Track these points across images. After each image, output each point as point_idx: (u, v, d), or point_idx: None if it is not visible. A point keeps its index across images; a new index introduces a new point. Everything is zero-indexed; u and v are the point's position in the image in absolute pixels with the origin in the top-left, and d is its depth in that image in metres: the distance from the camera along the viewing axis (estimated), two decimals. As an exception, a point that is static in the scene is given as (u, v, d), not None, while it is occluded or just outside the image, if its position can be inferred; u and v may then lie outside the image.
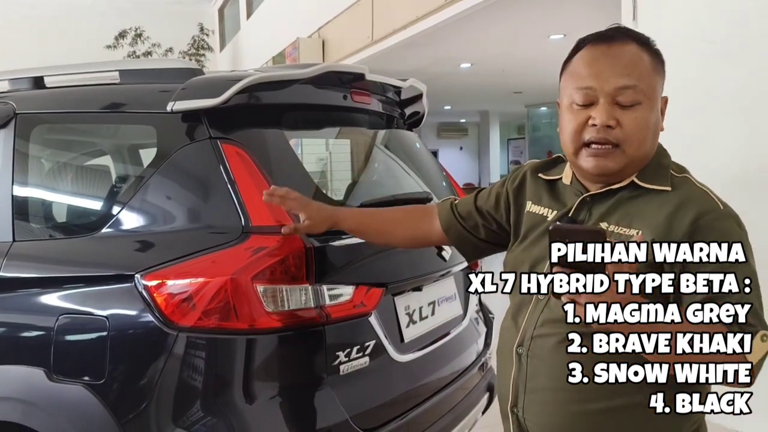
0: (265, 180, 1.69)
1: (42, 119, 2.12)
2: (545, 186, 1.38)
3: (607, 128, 1.16)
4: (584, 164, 1.21)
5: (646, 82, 1.16)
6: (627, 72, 1.15)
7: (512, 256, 1.39)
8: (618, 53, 1.17)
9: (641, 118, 1.16)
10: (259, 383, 1.63)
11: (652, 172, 1.21)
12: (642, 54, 1.18)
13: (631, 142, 1.16)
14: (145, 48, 13.33)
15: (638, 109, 1.16)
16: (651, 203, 1.18)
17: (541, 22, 6.66)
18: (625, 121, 1.16)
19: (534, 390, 1.25)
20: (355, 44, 7.85)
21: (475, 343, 2.44)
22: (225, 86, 1.71)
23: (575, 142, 1.20)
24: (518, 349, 1.28)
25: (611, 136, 1.16)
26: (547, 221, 1.32)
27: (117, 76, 2.01)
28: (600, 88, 1.16)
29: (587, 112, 1.18)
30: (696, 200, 1.16)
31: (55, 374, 1.72)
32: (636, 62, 1.16)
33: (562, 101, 1.25)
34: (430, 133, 19.51)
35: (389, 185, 2.38)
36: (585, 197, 1.26)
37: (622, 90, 1.15)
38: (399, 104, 2.47)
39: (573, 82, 1.20)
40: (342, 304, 1.72)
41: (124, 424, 1.62)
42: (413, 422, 1.93)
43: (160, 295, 1.61)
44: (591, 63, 1.18)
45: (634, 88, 1.15)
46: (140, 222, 1.79)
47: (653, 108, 1.18)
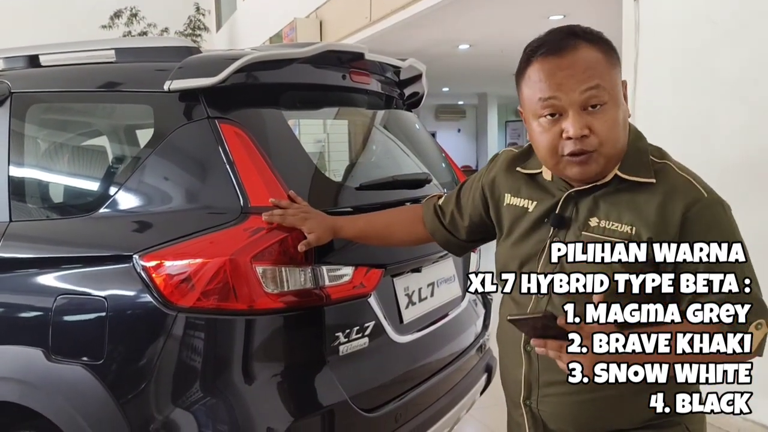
0: (263, 160, 1.67)
1: (37, 98, 2.10)
2: (523, 178, 1.38)
3: (582, 138, 1.16)
4: (567, 173, 1.22)
5: (606, 79, 1.17)
6: (588, 76, 1.15)
7: (501, 252, 1.40)
8: (572, 61, 1.16)
9: (611, 118, 1.17)
10: (259, 364, 1.62)
11: (632, 161, 1.22)
12: (593, 53, 1.17)
13: (607, 144, 1.17)
14: (140, 28, 13.19)
15: (606, 110, 1.16)
16: (637, 195, 1.20)
17: (540, 3, 6.61)
18: (597, 126, 1.16)
19: (549, 384, 1.28)
20: (353, 25, 7.78)
21: (474, 325, 2.44)
22: (223, 65, 1.68)
23: (554, 157, 1.21)
24: (527, 347, 1.29)
25: (588, 145, 1.17)
26: (528, 213, 1.33)
27: (113, 55, 1.99)
28: (566, 99, 1.16)
29: (558, 125, 1.18)
30: (681, 191, 1.17)
31: (54, 354, 1.71)
32: (592, 64, 1.16)
33: (526, 112, 1.25)
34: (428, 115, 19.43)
35: (388, 166, 2.37)
36: (570, 193, 1.26)
37: (586, 93, 1.15)
38: (398, 84, 2.45)
39: (535, 93, 1.20)
40: (341, 285, 1.72)
41: (123, 404, 1.62)
42: (412, 403, 1.94)
43: (159, 275, 1.60)
44: (549, 75, 1.18)
45: (598, 88, 1.15)
46: (138, 202, 1.78)
47: (618, 103, 1.19)
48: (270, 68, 1.84)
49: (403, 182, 2.10)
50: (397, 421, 1.87)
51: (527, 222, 1.32)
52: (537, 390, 1.30)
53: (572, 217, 1.25)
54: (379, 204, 1.93)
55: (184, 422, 1.60)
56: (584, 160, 1.18)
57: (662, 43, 3.36)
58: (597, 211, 1.22)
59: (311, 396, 1.67)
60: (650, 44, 3.36)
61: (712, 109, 3.15)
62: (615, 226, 1.19)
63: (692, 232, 1.13)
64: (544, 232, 1.29)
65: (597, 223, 1.21)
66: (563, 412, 1.28)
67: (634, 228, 1.17)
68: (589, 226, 1.22)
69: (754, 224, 1.73)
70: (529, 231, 1.32)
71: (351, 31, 7.87)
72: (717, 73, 3.12)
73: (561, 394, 1.26)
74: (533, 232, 1.31)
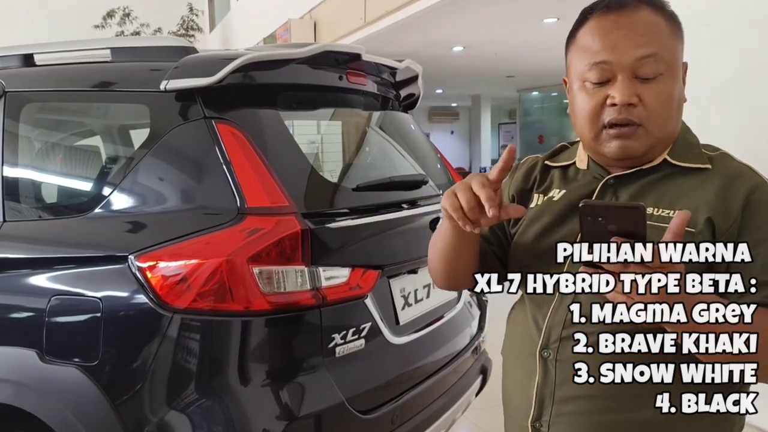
0: (260, 160, 1.67)
1: (32, 98, 2.08)
2: (553, 173, 1.21)
3: (629, 107, 1.02)
4: (606, 149, 1.06)
5: (666, 49, 1.03)
6: (645, 40, 1.01)
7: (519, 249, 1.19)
8: (632, 21, 1.03)
9: (665, 91, 1.03)
10: (255, 365, 1.62)
11: (682, 150, 1.09)
12: (658, 18, 1.04)
13: (655, 119, 1.03)
14: (133, 28, 13.15)
15: (661, 82, 1.02)
16: (690, 182, 1.05)
17: (534, 6, 6.63)
18: (648, 96, 1.02)
19: (566, 399, 1.06)
20: (348, 26, 7.78)
21: (469, 327, 2.44)
22: (220, 65, 1.68)
23: (594, 126, 1.06)
24: (543, 352, 1.08)
25: (634, 116, 1.02)
26: (553, 203, 1.15)
27: (108, 54, 1.97)
28: (617, 62, 1.02)
29: (604, 91, 1.04)
30: (744, 175, 1.05)
31: (48, 356, 1.70)
32: (653, 29, 1.03)
33: (571, 80, 1.11)
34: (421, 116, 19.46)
35: (385, 167, 2.37)
36: (608, 179, 1.10)
37: (642, 61, 1.01)
38: (394, 86, 2.45)
39: (584, 57, 1.06)
40: (338, 287, 1.72)
41: (118, 405, 1.61)
42: (408, 404, 1.94)
43: (155, 276, 1.59)
44: (603, 35, 1.04)
45: (655, 56, 1.01)
46: (133, 202, 1.77)
47: (676, 78, 1.05)
48: (267, 68, 1.84)
49: (399, 183, 2.10)
50: (393, 423, 1.86)
51: (552, 214, 1.13)
52: (551, 408, 1.07)
53: None
54: (375, 205, 1.93)
55: (179, 424, 1.59)
56: (627, 132, 1.03)
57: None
58: (643, 198, 1.05)
59: (307, 397, 1.67)
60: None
61: (707, 113, 3.16)
62: (666, 212, 1.02)
63: (754, 219, 1.00)
64: (575, 223, 1.03)
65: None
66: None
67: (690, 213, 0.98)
68: None
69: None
70: (554, 224, 1.12)
71: (345, 33, 7.87)
72: (711, 76, 3.14)
73: (580, 413, 1.05)
74: (559, 226, 1.12)
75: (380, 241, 1.93)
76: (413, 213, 2.08)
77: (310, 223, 1.65)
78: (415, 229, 2.09)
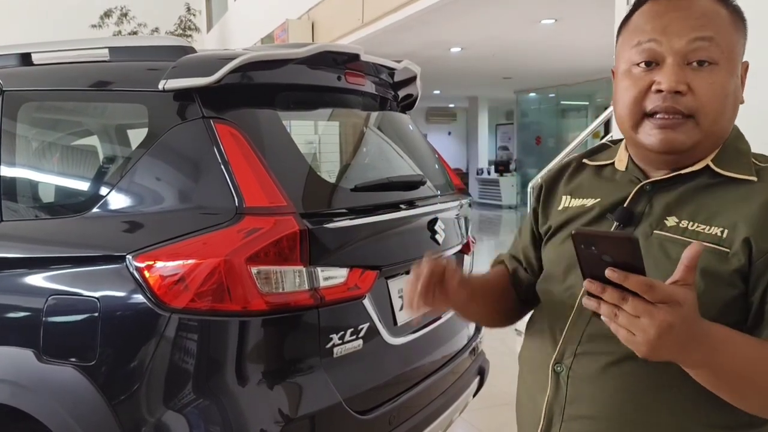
0: (258, 160, 1.67)
1: (29, 97, 2.08)
2: (587, 175, 1.13)
3: (676, 95, 0.92)
4: (646, 139, 0.96)
5: (725, 37, 0.93)
6: (701, 24, 0.92)
7: (546, 255, 1.14)
8: (689, 4, 0.94)
9: (719, 82, 0.93)
10: (252, 365, 1.61)
11: (729, 157, 0.98)
12: (717, 7, 0.95)
13: (706, 112, 0.93)
14: (130, 28, 13.13)
15: (715, 71, 0.92)
16: (732, 195, 0.94)
17: (532, 7, 6.63)
18: (699, 85, 0.92)
19: (574, 418, 0.99)
20: (346, 27, 7.78)
21: (467, 327, 2.44)
22: (218, 65, 1.68)
23: (635, 113, 0.96)
24: (556, 366, 1.02)
25: (681, 105, 0.92)
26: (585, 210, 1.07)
27: (106, 54, 1.97)
28: (668, 44, 0.93)
29: (650, 76, 0.94)
30: None
31: (45, 355, 1.70)
32: (711, 15, 0.94)
33: (618, 67, 1.02)
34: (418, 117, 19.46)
35: (383, 168, 2.37)
36: (644, 185, 1.01)
37: (695, 43, 0.92)
38: (392, 86, 2.45)
39: (633, 38, 0.97)
40: (336, 287, 1.71)
41: (115, 405, 1.61)
42: (405, 405, 1.94)
43: (152, 276, 1.59)
44: (656, 16, 0.95)
45: (711, 40, 0.92)
46: (131, 202, 1.76)
47: (733, 72, 0.95)
48: (265, 68, 1.84)
49: (397, 184, 2.10)
50: (390, 424, 1.86)
51: (584, 219, 1.06)
52: (559, 424, 1.01)
53: (644, 213, 0.99)
54: (373, 206, 1.93)
55: (176, 424, 1.59)
56: (672, 123, 0.93)
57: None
58: (679, 210, 0.96)
59: (305, 398, 1.66)
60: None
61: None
62: (701, 228, 0.93)
63: None
64: (604, 229, 1.02)
65: (676, 222, 0.95)
66: None
67: (726, 231, 0.91)
68: (665, 225, 0.96)
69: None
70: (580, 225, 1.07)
71: (343, 33, 7.86)
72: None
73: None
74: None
75: (378, 241, 1.93)
76: (411, 213, 2.08)
77: (308, 223, 1.65)
78: (413, 230, 2.09)
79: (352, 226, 1.81)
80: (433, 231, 2.13)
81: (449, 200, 2.35)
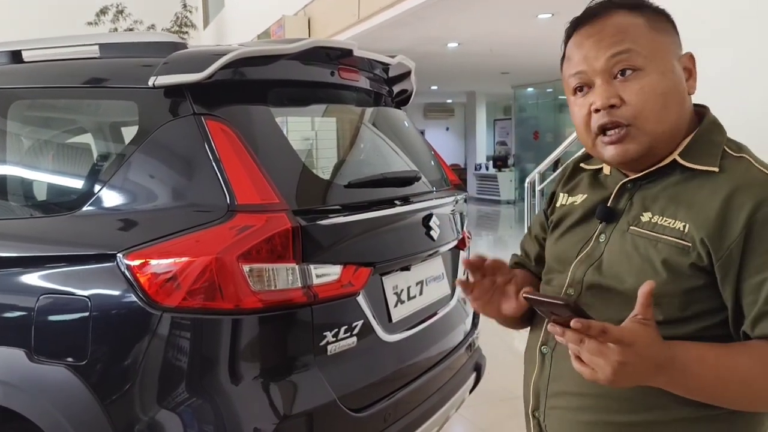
0: (250, 157, 1.65)
1: (20, 95, 2.06)
2: (585, 176, 1.22)
3: (611, 108, 1.01)
4: (605, 155, 1.05)
5: (644, 43, 1.01)
6: (615, 40, 1.01)
7: (546, 251, 1.24)
8: (602, 27, 1.03)
9: (647, 85, 1.00)
10: (245, 364, 1.60)
11: (699, 149, 1.03)
12: (633, 18, 1.03)
13: (644, 115, 1.00)
14: (126, 25, 13.07)
15: (641, 76, 1.00)
16: (702, 189, 1.00)
17: (528, 1, 6.61)
18: (629, 94, 1.00)
19: (556, 394, 1.11)
20: (342, 22, 7.75)
21: (463, 323, 2.43)
22: (209, 60, 1.66)
23: (588, 134, 1.06)
24: (543, 348, 1.13)
25: (618, 117, 1.00)
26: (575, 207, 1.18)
27: (97, 50, 1.95)
28: (591, 69, 1.03)
29: (588, 99, 1.04)
30: (755, 185, 0.96)
31: (36, 355, 1.68)
32: (624, 27, 1.02)
33: (567, 93, 1.11)
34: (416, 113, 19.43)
35: (377, 164, 2.35)
36: (626, 183, 1.10)
37: (613, 59, 1.01)
38: (387, 81, 2.44)
39: (568, 69, 1.08)
40: (329, 284, 1.70)
41: (107, 405, 1.60)
42: (401, 402, 1.93)
43: (143, 274, 1.57)
44: (579, 47, 1.05)
45: (629, 51, 1.00)
46: (122, 200, 1.75)
47: (662, 70, 1.01)
48: (257, 64, 1.82)
49: (392, 180, 2.08)
50: (385, 421, 1.85)
51: (574, 216, 1.17)
52: (545, 400, 1.12)
53: (624, 210, 1.08)
54: (367, 202, 1.92)
55: (169, 424, 1.58)
56: (618, 137, 1.02)
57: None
58: (654, 205, 1.04)
59: (299, 396, 1.65)
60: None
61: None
62: (668, 222, 1.00)
63: (760, 236, 0.93)
64: (591, 227, 1.13)
65: (650, 218, 1.03)
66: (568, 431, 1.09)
67: (688, 226, 0.97)
68: (640, 220, 1.04)
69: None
70: (574, 225, 1.16)
71: (339, 29, 7.84)
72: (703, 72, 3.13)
73: (568, 409, 1.08)
74: (578, 227, 1.15)
75: (372, 238, 1.92)
76: (406, 210, 2.06)
77: (301, 220, 1.63)
78: (407, 226, 2.08)
79: (345, 222, 1.79)
80: (428, 227, 2.11)
81: (444, 196, 2.34)
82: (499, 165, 16.46)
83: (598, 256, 1.08)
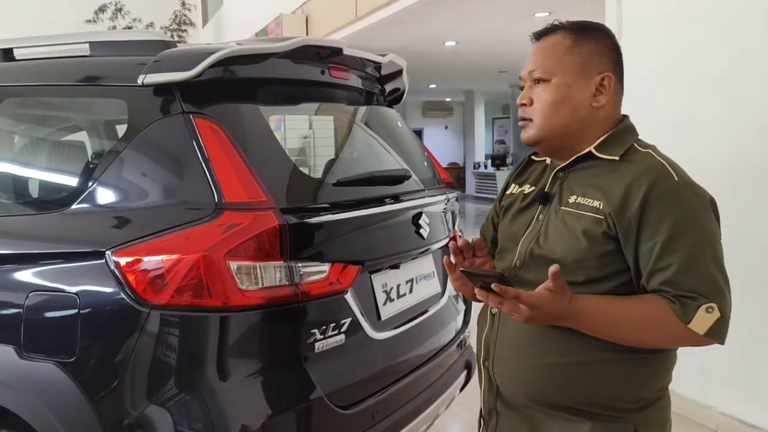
0: (238, 155, 1.66)
1: (10, 92, 2.07)
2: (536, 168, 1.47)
3: (523, 106, 1.34)
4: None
5: (558, 60, 1.29)
6: (538, 58, 1.32)
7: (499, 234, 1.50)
8: (540, 46, 1.33)
9: (542, 94, 1.31)
10: (233, 361, 1.61)
11: (610, 144, 1.30)
12: (562, 39, 1.30)
13: (537, 115, 1.32)
14: (125, 23, 13.07)
15: (545, 86, 1.30)
16: (612, 175, 1.26)
17: (526, 0, 6.61)
18: (535, 98, 1.32)
19: (502, 346, 1.37)
20: (339, 20, 7.75)
21: (454, 321, 2.44)
22: (198, 59, 1.67)
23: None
24: (492, 309, 1.39)
25: (525, 113, 1.35)
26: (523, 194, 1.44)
27: (87, 49, 1.96)
28: (524, 75, 1.35)
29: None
30: (651, 171, 1.22)
31: (26, 352, 1.69)
32: (551, 46, 1.31)
33: None
34: (415, 111, 19.43)
35: (367, 163, 2.36)
36: (557, 172, 1.37)
37: (532, 73, 1.32)
38: (379, 80, 2.44)
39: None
40: (317, 282, 1.71)
41: (96, 401, 1.60)
42: (390, 399, 1.94)
43: (132, 272, 1.58)
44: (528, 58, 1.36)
45: (542, 65, 1.30)
46: (111, 198, 1.76)
47: (558, 84, 1.29)
48: (247, 63, 1.83)
49: (381, 178, 2.08)
50: (374, 418, 1.86)
51: (521, 202, 1.43)
52: (493, 351, 1.39)
53: (556, 194, 1.34)
54: (356, 200, 1.92)
55: (157, 420, 1.58)
56: (523, 126, 1.36)
57: (644, 41, 3.37)
58: (577, 188, 1.30)
59: (286, 393, 1.66)
60: (632, 42, 3.37)
61: (694, 107, 3.16)
62: (587, 201, 1.26)
63: (652, 210, 1.18)
64: (533, 209, 1.39)
65: (575, 199, 1.29)
66: (514, 376, 1.34)
67: (602, 204, 1.23)
68: (568, 201, 1.30)
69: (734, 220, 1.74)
70: (521, 210, 1.42)
71: (337, 27, 7.84)
72: (698, 71, 3.14)
73: (513, 356, 1.35)
74: (525, 211, 1.41)
75: (361, 236, 1.92)
76: (395, 208, 2.07)
77: (289, 218, 1.64)
78: (397, 224, 2.09)
79: (334, 220, 1.80)
80: (417, 225, 2.12)
81: (435, 194, 2.35)
82: (497, 164, 16.46)
83: (537, 232, 1.33)
